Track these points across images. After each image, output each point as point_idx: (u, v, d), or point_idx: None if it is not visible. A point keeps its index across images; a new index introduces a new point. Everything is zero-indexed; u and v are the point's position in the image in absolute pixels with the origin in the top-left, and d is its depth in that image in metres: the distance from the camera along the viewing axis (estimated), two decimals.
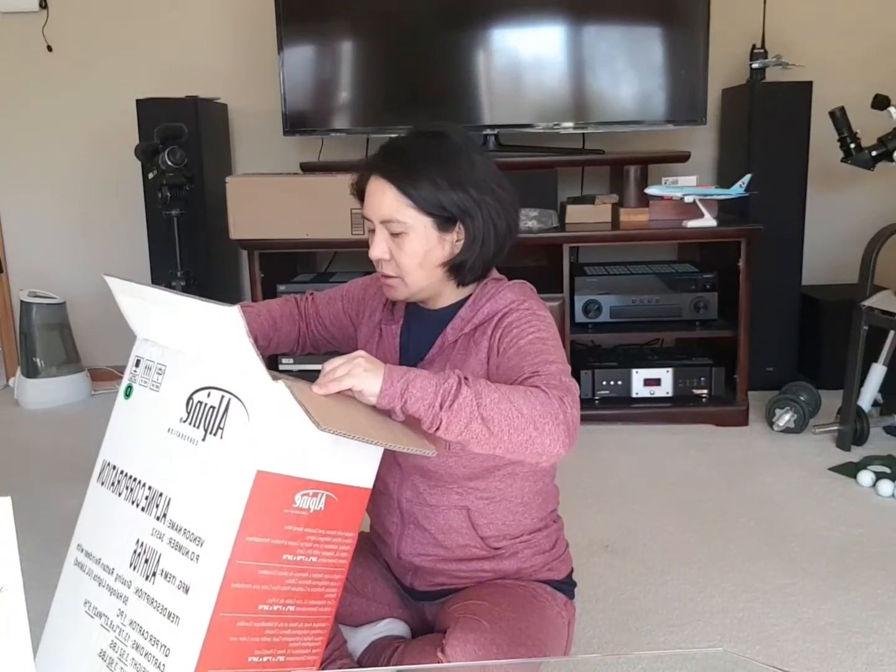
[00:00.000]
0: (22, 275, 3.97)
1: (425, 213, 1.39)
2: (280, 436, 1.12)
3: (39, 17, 3.75)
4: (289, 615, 1.19)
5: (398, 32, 3.47)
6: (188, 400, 1.21)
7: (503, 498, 1.50)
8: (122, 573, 1.22)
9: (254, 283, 3.22)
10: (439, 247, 1.42)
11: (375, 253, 1.43)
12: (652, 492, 2.68)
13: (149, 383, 1.31)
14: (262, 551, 1.13)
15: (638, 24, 3.39)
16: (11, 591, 0.81)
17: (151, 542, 1.18)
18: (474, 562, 1.52)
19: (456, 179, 1.39)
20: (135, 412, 1.33)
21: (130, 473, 1.27)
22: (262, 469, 1.10)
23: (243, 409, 1.13)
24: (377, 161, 1.43)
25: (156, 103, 3.43)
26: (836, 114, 3.06)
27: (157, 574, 1.16)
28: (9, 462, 3.09)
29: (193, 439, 1.18)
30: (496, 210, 1.43)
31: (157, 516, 1.19)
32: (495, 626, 1.37)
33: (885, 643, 1.85)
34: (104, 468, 1.35)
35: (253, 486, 1.09)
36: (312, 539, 1.18)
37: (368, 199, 1.43)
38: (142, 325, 1.38)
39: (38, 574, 2.14)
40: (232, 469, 1.12)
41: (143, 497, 1.23)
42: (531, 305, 1.44)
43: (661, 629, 1.93)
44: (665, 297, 3.24)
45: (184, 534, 1.14)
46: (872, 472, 2.68)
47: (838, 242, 3.73)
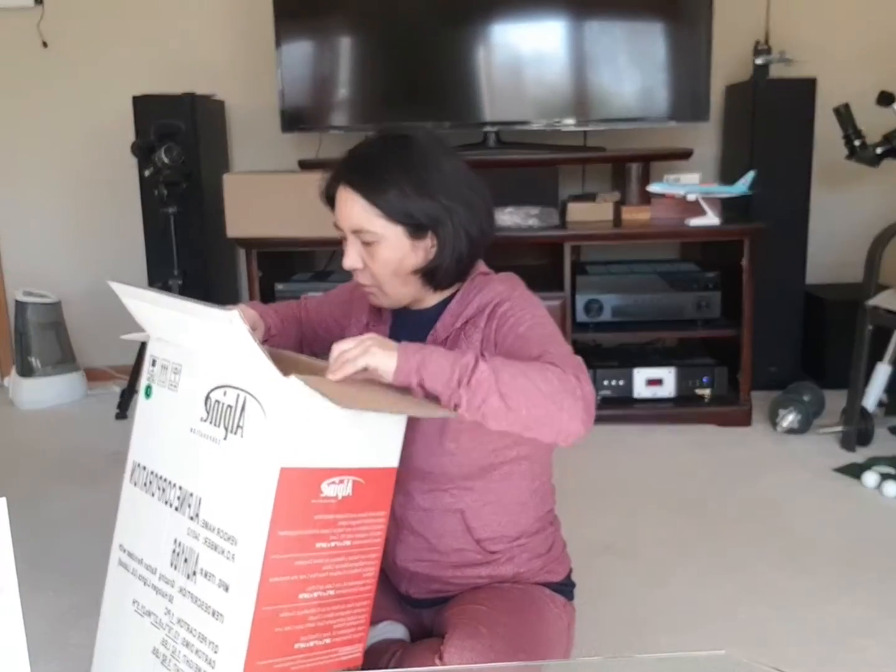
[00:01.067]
0: (17, 274, 3.95)
1: (395, 223, 1.36)
2: (298, 430, 1.14)
3: (35, 13, 3.73)
4: (330, 599, 1.21)
5: (397, 28, 3.45)
6: (206, 399, 1.24)
7: (499, 499, 1.47)
8: (164, 573, 1.26)
9: (251, 282, 3.20)
10: (413, 254, 1.38)
11: (348, 263, 1.41)
12: (654, 493, 2.66)
13: (166, 383, 1.34)
14: (295, 543, 1.15)
15: (640, 20, 3.37)
16: (6, 592, 0.81)
17: (188, 542, 1.22)
18: (470, 568, 1.49)
19: (423, 187, 1.35)
20: (157, 412, 1.36)
21: (160, 474, 1.31)
22: (284, 465, 1.12)
23: (259, 407, 1.15)
24: (343, 170, 1.40)
25: (152, 100, 3.42)
26: (841, 111, 3.05)
27: (197, 573, 1.19)
28: (4, 462, 3.08)
29: (216, 438, 1.21)
30: (466, 215, 1.39)
31: (190, 516, 1.22)
32: (493, 631, 1.35)
33: (889, 645, 1.83)
34: (135, 469, 1.38)
35: (278, 484, 1.12)
36: (344, 524, 1.20)
37: (338, 209, 1.41)
38: (153, 326, 1.40)
39: (33, 575, 2.13)
40: (256, 468, 1.14)
41: (175, 497, 1.26)
42: (522, 294, 1.43)
43: (663, 631, 1.91)
44: (667, 296, 3.22)
45: (218, 533, 1.17)
46: (877, 473, 2.66)
47: (843, 240, 3.70)
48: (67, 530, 2.45)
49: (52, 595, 2.12)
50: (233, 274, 3.89)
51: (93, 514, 2.53)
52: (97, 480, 2.79)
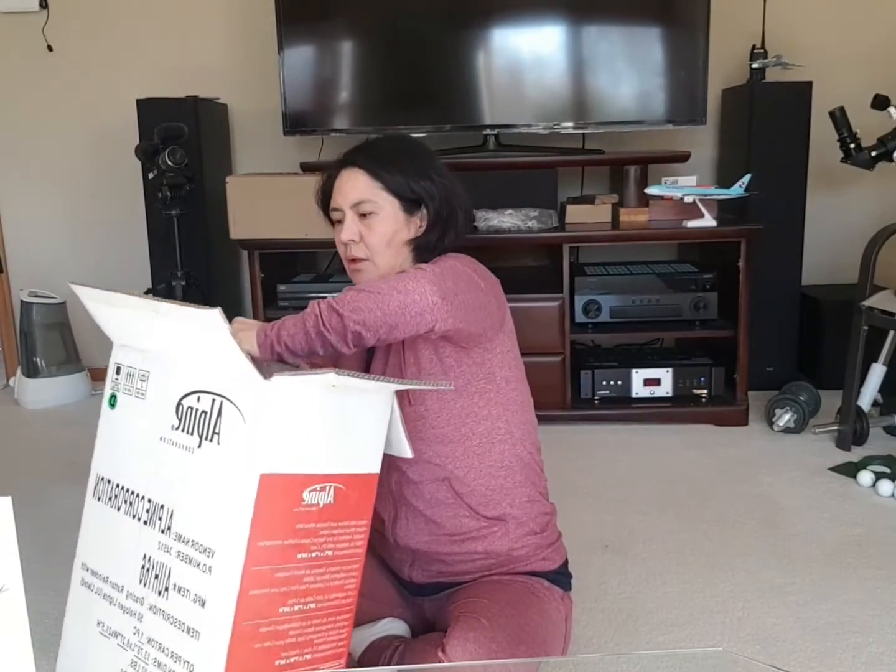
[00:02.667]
0: (22, 274, 3.97)
1: (394, 195, 1.52)
2: (280, 434, 1.10)
3: (40, 17, 3.75)
4: (311, 612, 1.17)
5: (398, 32, 3.46)
6: (177, 406, 1.18)
7: (482, 463, 1.53)
8: (132, 590, 1.19)
9: (254, 283, 3.23)
10: (405, 228, 1.53)
11: (346, 235, 1.52)
12: (652, 491, 2.68)
13: (133, 391, 1.28)
14: (276, 554, 1.10)
15: (638, 24, 3.39)
16: (12, 591, 0.81)
17: (159, 557, 1.15)
18: (468, 541, 1.53)
19: (421, 167, 1.54)
20: (122, 422, 1.29)
21: (127, 487, 1.24)
22: (265, 472, 1.08)
23: (237, 412, 1.11)
24: (347, 156, 1.57)
25: (156, 103, 3.44)
26: (836, 114, 3.06)
27: (169, 589, 1.13)
28: (9, 461, 3.10)
29: (189, 447, 1.15)
30: (455, 196, 1.57)
31: (161, 529, 1.16)
32: (495, 623, 1.38)
33: (885, 643, 1.85)
34: (98, 483, 1.32)
35: (258, 491, 1.07)
36: (325, 533, 1.16)
37: (339, 188, 1.54)
38: (117, 331, 1.35)
39: (39, 574, 2.14)
40: (234, 475, 1.09)
41: (143, 510, 1.20)
42: (460, 255, 1.55)
43: (660, 629, 1.93)
44: (665, 296, 3.24)
45: (192, 545, 1.11)
46: (872, 471, 2.68)
47: (838, 242, 3.73)
48: (72, 529, 2.45)
49: (57, 594, 2.15)
50: (235, 275, 3.92)
51: None
52: None
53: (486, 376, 1.51)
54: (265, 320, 3.47)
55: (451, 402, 1.50)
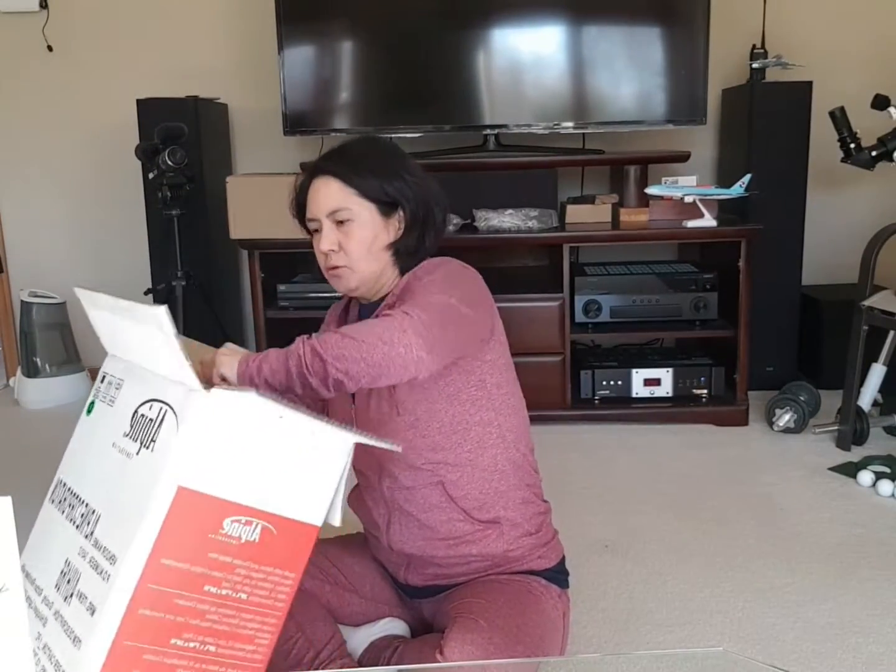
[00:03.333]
0: (22, 274, 3.97)
1: (370, 200, 1.49)
2: (209, 449, 1.04)
3: (40, 17, 3.75)
4: (207, 656, 1.07)
5: (398, 32, 3.47)
6: (134, 413, 1.15)
7: (475, 467, 1.52)
8: (48, 595, 1.13)
9: (254, 283, 3.23)
10: (384, 232, 1.51)
11: (325, 245, 1.50)
12: (652, 491, 2.69)
13: (107, 398, 1.26)
14: (179, 578, 1.02)
15: (638, 24, 3.39)
16: (12, 591, 0.81)
17: (76, 562, 1.10)
18: (462, 544, 1.53)
19: (393, 168, 1.51)
20: (92, 428, 1.27)
21: (75, 490, 1.21)
22: (184, 485, 1.02)
23: (175, 421, 1.05)
24: (318, 164, 1.54)
25: (156, 103, 3.44)
26: (836, 114, 3.06)
27: (73, 595, 1.07)
28: (8, 461, 3.10)
29: (129, 453, 1.11)
30: (430, 195, 1.54)
31: (85, 534, 1.11)
32: (493, 624, 1.38)
33: (885, 643, 1.85)
34: (57, 486, 1.28)
35: (173, 503, 1.01)
36: (242, 573, 1.08)
37: (313, 198, 1.52)
38: (110, 340, 1.33)
39: None
40: (153, 483, 1.03)
41: (79, 514, 1.15)
42: (443, 261, 1.53)
43: (660, 629, 1.93)
44: (665, 296, 3.24)
45: (103, 552, 1.05)
46: (872, 471, 2.68)
47: (838, 242, 3.73)
48: None
49: None
50: (236, 275, 3.92)
51: None
52: None
53: (476, 383, 1.50)
54: (265, 320, 3.48)
55: (441, 410, 1.49)
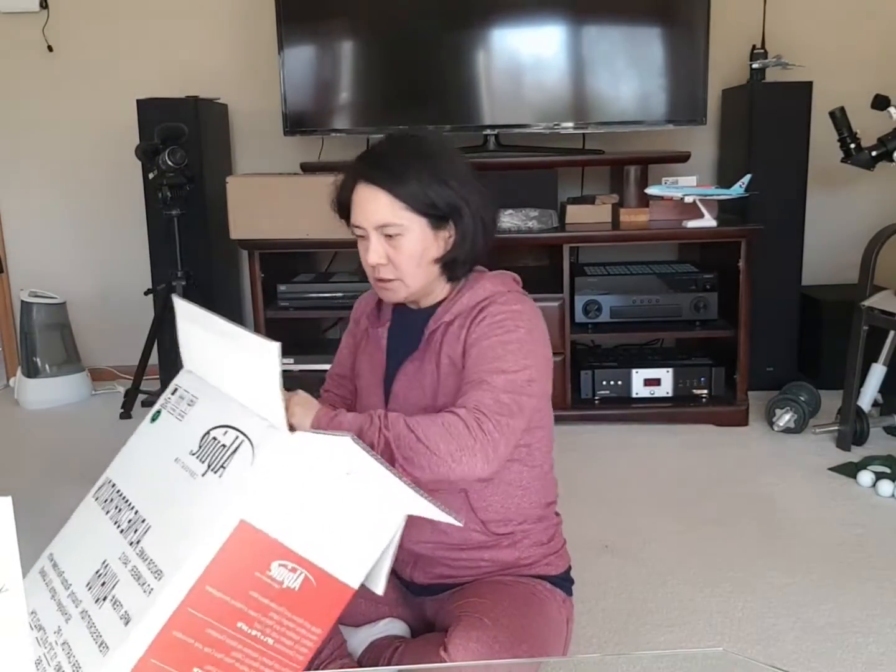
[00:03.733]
0: (22, 275, 3.97)
1: (419, 214, 1.42)
2: (279, 491, 1.06)
3: (40, 18, 3.75)
4: None
5: (398, 32, 3.47)
6: (205, 434, 1.17)
7: (501, 481, 1.51)
8: (77, 591, 1.14)
9: (254, 283, 3.23)
10: (434, 245, 1.45)
11: (373, 258, 1.45)
12: (652, 492, 2.69)
13: (176, 412, 1.28)
14: (217, 608, 1.04)
15: (638, 24, 3.40)
16: (12, 592, 0.81)
17: (115, 566, 1.11)
18: (474, 550, 1.52)
19: (441, 177, 1.43)
20: (154, 437, 1.29)
21: (125, 494, 1.22)
22: (246, 520, 1.04)
23: (251, 453, 1.08)
24: (362, 169, 1.46)
25: (156, 103, 3.44)
26: (836, 114, 3.06)
27: (107, 599, 1.08)
28: (9, 461, 3.10)
29: (194, 473, 1.13)
30: (480, 203, 1.48)
31: (130, 541, 1.12)
32: (497, 623, 1.37)
33: (885, 643, 1.86)
34: (104, 485, 1.30)
35: (231, 535, 1.03)
36: (275, 618, 1.08)
37: (359, 208, 1.46)
38: (190, 356, 1.35)
39: None
40: (217, 510, 1.05)
41: (126, 520, 1.17)
42: (509, 299, 1.47)
43: (660, 629, 1.93)
44: (665, 297, 3.24)
45: (148, 564, 1.07)
46: (872, 472, 2.68)
47: (838, 242, 3.73)
48: None
49: None
50: (236, 275, 3.92)
51: None
52: None
53: None
54: (265, 320, 3.47)
55: None
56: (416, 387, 1.50)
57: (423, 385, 1.49)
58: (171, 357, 3.38)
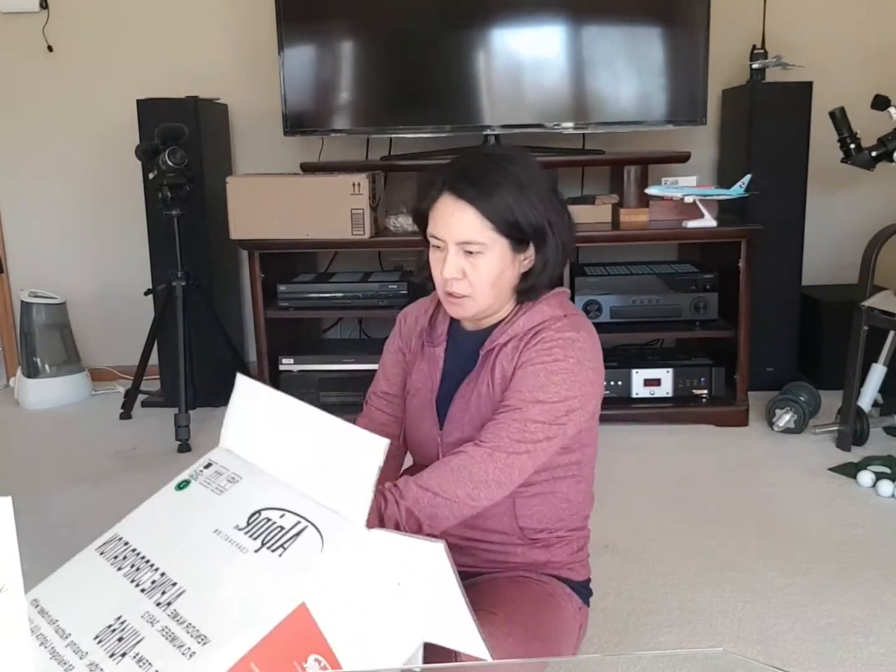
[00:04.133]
0: (22, 275, 3.97)
1: (504, 235, 1.41)
2: (340, 584, 1.06)
3: (40, 18, 3.75)
4: None
5: (398, 33, 3.47)
6: (254, 513, 1.16)
7: (550, 492, 1.52)
8: (78, 641, 1.11)
9: (254, 283, 3.22)
10: (511, 267, 1.44)
11: (449, 272, 1.43)
12: (652, 492, 2.69)
13: (212, 486, 1.26)
14: None
15: (638, 25, 3.40)
16: (11, 591, 0.81)
17: (137, 624, 1.08)
18: (509, 546, 1.54)
19: (529, 198, 1.41)
20: (181, 505, 1.27)
21: (143, 554, 1.21)
22: (307, 603, 1.03)
23: (319, 540, 1.08)
24: (451, 181, 1.42)
25: (156, 103, 3.43)
26: (836, 114, 3.06)
27: (126, 655, 1.05)
28: (9, 461, 3.10)
29: (244, 548, 1.12)
30: (561, 226, 1.46)
31: (157, 602, 1.10)
32: (511, 618, 1.37)
33: (885, 643, 1.86)
34: (111, 540, 1.28)
35: (289, 615, 1.02)
36: None
37: (444, 220, 1.43)
38: (234, 434, 1.33)
39: (39, 574, 2.15)
40: (280, 588, 1.04)
41: (148, 580, 1.15)
42: (563, 326, 1.45)
43: (661, 629, 1.93)
44: (665, 297, 3.24)
45: (186, 627, 1.05)
46: (872, 472, 2.69)
47: (838, 242, 3.73)
48: (72, 529, 2.47)
49: None
50: (236, 275, 3.92)
51: (97, 513, 2.56)
52: (101, 480, 2.83)
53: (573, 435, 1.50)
54: (265, 320, 3.47)
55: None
56: (471, 407, 1.49)
57: (479, 406, 1.48)
58: (170, 357, 3.38)
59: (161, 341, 3.50)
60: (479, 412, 1.47)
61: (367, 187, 3.06)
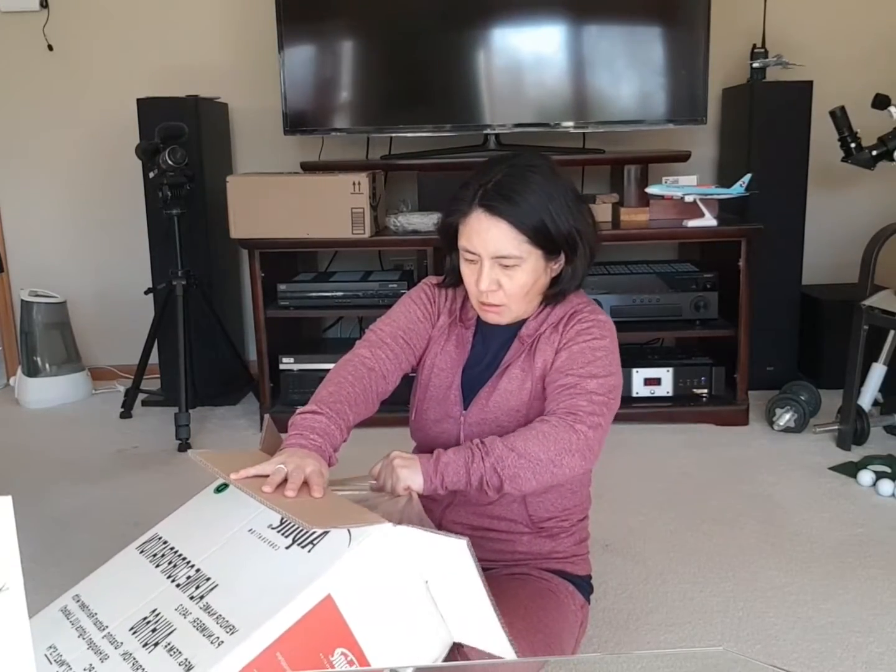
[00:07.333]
0: (23, 274, 3.97)
1: (537, 247, 1.44)
2: (366, 578, 1.08)
3: (40, 17, 3.75)
4: None
5: (399, 32, 3.47)
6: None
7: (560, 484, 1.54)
8: (115, 633, 1.16)
9: (254, 282, 3.22)
10: (544, 275, 1.50)
11: (484, 284, 1.46)
12: (652, 491, 2.69)
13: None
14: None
15: (638, 24, 3.39)
16: (12, 591, 0.80)
17: (170, 616, 1.13)
18: (515, 535, 1.56)
19: (558, 210, 1.44)
20: (220, 508, 1.31)
21: (181, 552, 1.25)
22: (332, 595, 1.05)
23: (347, 535, 1.11)
24: (483, 196, 1.43)
25: (156, 102, 3.44)
26: (837, 113, 3.06)
27: (159, 645, 1.09)
28: (9, 460, 3.09)
29: (276, 545, 1.16)
30: (587, 232, 1.50)
31: (191, 595, 1.15)
32: (513, 613, 1.38)
33: (885, 642, 1.86)
34: (152, 539, 1.33)
35: (315, 606, 1.04)
36: None
37: (477, 235, 1.44)
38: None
39: (39, 573, 2.15)
40: (306, 579, 1.07)
41: (184, 576, 1.19)
42: (594, 310, 1.55)
43: (661, 628, 1.93)
44: (665, 296, 3.24)
45: (216, 619, 1.09)
46: (872, 471, 2.68)
47: (838, 242, 3.73)
48: (72, 528, 2.47)
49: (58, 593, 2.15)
50: (236, 274, 3.92)
51: (98, 512, 2.56)
52: (102, 478, 2.83)
53: None
54: (265, 320, 3.46)
55: None
56: (500, 390, 1.52)
57: (508, 389, 1.52)
58: (171, 356, 3.38)
59: (161, 340, 3.50)
60: (507, 396, 1.51)
61: (368, 186, 3.06)
